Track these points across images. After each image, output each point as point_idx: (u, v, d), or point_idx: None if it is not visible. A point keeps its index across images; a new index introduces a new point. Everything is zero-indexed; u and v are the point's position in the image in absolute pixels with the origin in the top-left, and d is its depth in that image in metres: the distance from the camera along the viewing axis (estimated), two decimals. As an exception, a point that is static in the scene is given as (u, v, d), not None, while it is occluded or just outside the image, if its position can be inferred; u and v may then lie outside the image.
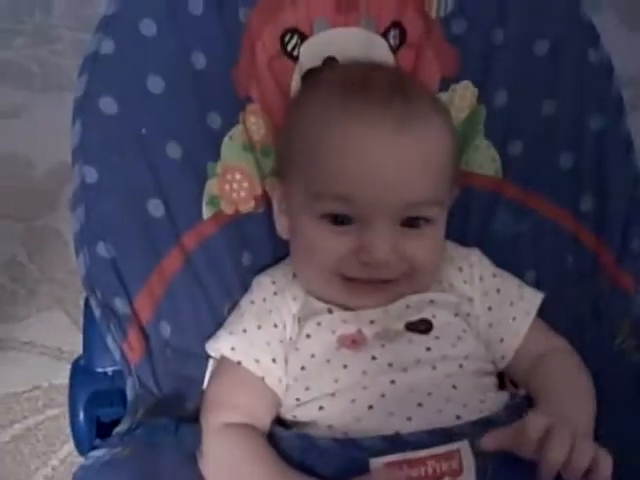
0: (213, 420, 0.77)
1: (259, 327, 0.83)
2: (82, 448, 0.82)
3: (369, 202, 0.77)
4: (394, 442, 0.72)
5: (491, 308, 0.87)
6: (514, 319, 0.86)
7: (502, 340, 0.86)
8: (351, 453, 0.72)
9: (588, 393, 0.80)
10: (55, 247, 1.51)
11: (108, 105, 0.83)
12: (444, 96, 0.94)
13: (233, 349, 0.82)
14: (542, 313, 0.88)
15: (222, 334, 0.84)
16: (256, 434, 0.77)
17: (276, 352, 0.82)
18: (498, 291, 0.88)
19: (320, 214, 0.80)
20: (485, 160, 0.94)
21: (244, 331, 0.83)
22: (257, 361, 0.80)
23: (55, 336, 1.35)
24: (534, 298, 0.88)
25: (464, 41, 0.93)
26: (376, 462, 0.71)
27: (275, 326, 0.83)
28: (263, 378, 0.80)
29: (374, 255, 0.78)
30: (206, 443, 0.76)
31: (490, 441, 0.68)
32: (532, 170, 0.93)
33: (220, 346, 0.83)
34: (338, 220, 0.79)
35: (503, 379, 0.88)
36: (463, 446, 0.71)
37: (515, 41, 0.92)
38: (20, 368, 1.32)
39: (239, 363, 0.80)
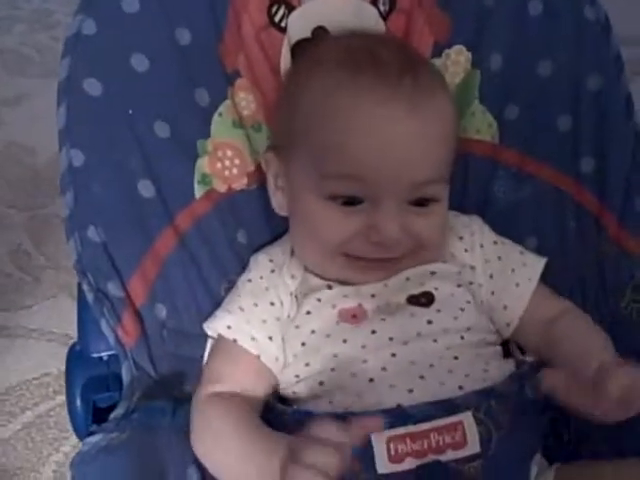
0: (204, 392, 0.76)
1: (255, 305, 0.81)
2: (81, 434, 0.82)
3: (379, 182, 0.75)
4: (396, 415, 0.71)
5: (492, 276, 0.85)
6: (517, 285, 0.85)
7: (505, 307, 0.84)
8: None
9: (608, 342, 0.78)
10: (60, 234, 1.45)
11: (93, 86, 0.82)
12: (437, 62, 0.91)
13: (229, 327, 0.80)
14: (545, 279, 0.86)
15: (219, 313, 0.83)
16: (243, 402, 0.75)
17: (272, 330, 0.80)
18: (499, 258, 0.86)
19: (328, 195, 0.78)
20: (482, 126, 0.92)
21: (241, 309, 0.82)
22: (253, 339, 0.79)
23: (62, 322, 1.34)
24: (536, 264, 0.86)
25: (456, 4, 0.90)
26: (378, 436, 0.69)
27: (272, 304, 0.82)
28: (259, 356, 0.79)
29: (384, 234, 0.76)
30: (194, 412, 0.75)
31: (549, 379, 0.68)
32: (530, 134, 0.91)
33: (217, 325, 0.82)
34: (347, 201, 0.77)
35: (509, 347, 0.86)
36: (466, 418, 0.70)
37: (508, 1, 0.90)
38: (29, 355, 1.32)
39: (235, 341, 0.79)
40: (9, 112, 1.78)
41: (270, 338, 0.80)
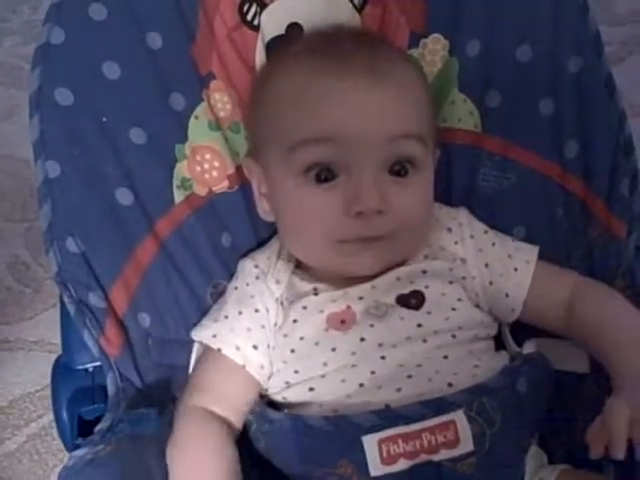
0: (188, 402, 0.76)
1: (240, 313, 0.81)
2: (69, 448, 0.81)
3: (350, 140, 0.75)
4: (386, 416, 0.70)
5: (488, 264, 0.83)
6: (516, 270, 0.83)
7: (507, 295, 0.83)
8: (343, 431, 0.70)
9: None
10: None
11: (64, 96, 0.81)
12: (415, 52, 0.90)
13: (214, 336, 0.80)
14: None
15: (205, 322, 0.83)
16: (223, 430, 0.75)
17: (257, 338, 0.80)
18: (493, 244, 0.84)
19: (302, 168, 0.76)
20: (463, 114, 0.90)
21: (225, 317, 0.81)
22: (238, 348, 0.79)
23: (62, 334, 1.35)
24: (531, 248, 0.85)
25: (431, -8, 0.89)
26: (370, 438, 0.69)
27: (256, 311, 0.81)
28: (244, 366, 0.78)
29: (364, 203, 0.75)
30: (176, 421, 0.74)
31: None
32: (512, 120, 0.89)
33: (203, 334, 0.81)
34: (322, 177, 0.76)
35: (502, 339, 0.85)
36: (458, 416, 0.69)
37: (483, -14, 0.88)
38: (30, 368, 1.33)
39: (220, 350, 0.79)
40: (3, 125, 1.78)
41: (255, 347, 0.79)
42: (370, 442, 0.69)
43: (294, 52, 0.82)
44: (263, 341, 0.80)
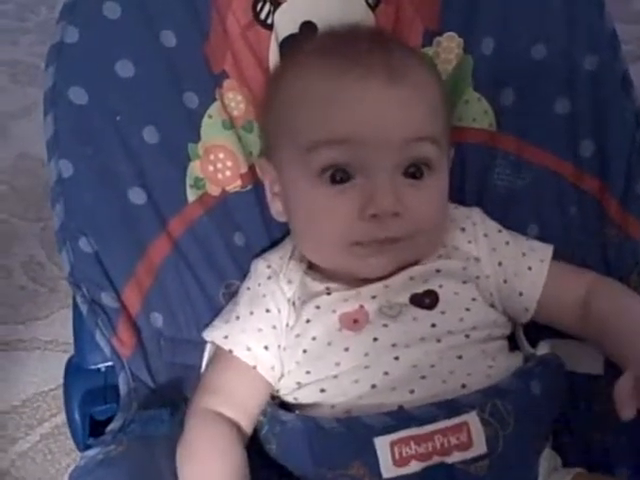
0: (199, 403, 0.76)
1: (251, 313, 0.80)
2: (81, 448, 0.81)
3: (366, 143, 0.74)
4: (399, 417, 0.69)
5: (502, 263, 0.82)
6: (530, 269, 0.82)
7: (521, 294, 0.82)
8: (355, 432, 0.69)
9: None
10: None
11: (78, 95, 0.81)
12: (429, 50, 0.90)
13: (226, 337, 0.79)
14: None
15: (217, 322, 0.83)
16: (232, 432, 0.74)
17: (269, 339, 0.79)
18: (507, 243, 0.84)
19: (317, 169, 0.76)
20: (477, 113, 0.90)
21: (237, 318, 0.81)
22: (249, 349, 0.78)
23: (77, 332, 1.35)
24: (546, 247, 0.84)
25: (445, -10, 0.88)
26: (382, 440, 0.68)
27: (268, 311, 0.80)
28: (255, 367, 0.78)
29: (380, 205, 0.74)
30: (186, 422, 0.74)
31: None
32: (527, 119, 0.88)
33: (214, 335, 0.81)
34: (337, 178, 0.76)
35: (515, 339, 0.84)
36: (471, 418, 0.69)
37: (498, -17, 0.87)
38: (45, 367, 1.32)
39: (231, 352, 0.78)
40: (19, 124, 1.78)
41: (266, 347, 0.79)
42: (382, 444, 0.68)
43: (308, 51, 0.82)
44: (274, 342, 0.79)
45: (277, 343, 0.79)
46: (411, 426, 0.68)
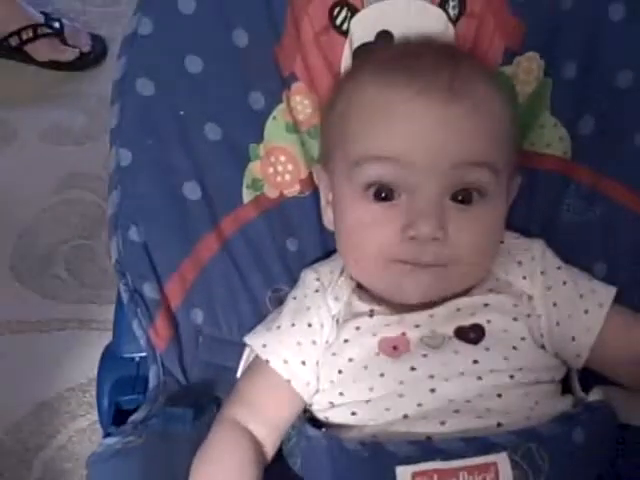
0: (229, 412, 0.75)
1: (293, 325, 0.78)
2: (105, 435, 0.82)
3: (414, 163, 0.71)
4: (425, 449, 0.66)
5: (556, 304, 0.77)
6: (586, 312, 0.77)
7: (574, 338, 0.76)
8: (378, 458, 0.67)
9: None
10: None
11: (145, 86, 0.82)
12: (508, 70, 0.85)
13: (264, 346, 0.78)
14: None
15: (259, 328, 0.81)
16: (251, 449, 0.73)
17: (307, 354, 0.77)
18: (565, 283, 0.78)
19: (363, 184, 0.74)
20: (552, 139, 0.85)
21: (278, 328, 0.79)
22: (285, 362, 0.76)
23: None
24: (608, 289, 0.78)
25: (529, 8, 0.83)
26: (403, 470, 0.65)
27: (309, 325, 0.78)
28: (289, 381, 0.76)
29: (420, 229, 0.71)
30: (213, 426, 0.73)
31: None
32: (605, 150, 0.83)
33: (254, 341, 0.79)
34: (382, 195, 0.74)
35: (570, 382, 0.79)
36: (501, 459, 0.65)
37: (586, 5, 0.82)
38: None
39: (267, 362, 0.77)
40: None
41: (303, 362, 0.77)
42: (403, 473, 0.65)
43: (374, 61, 0.79)
44: (312, 357, 0.77)
45: (316, 359, 0.77)
46: (436, 459, 0.65)
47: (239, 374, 0.81)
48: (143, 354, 0.80)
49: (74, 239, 1.56)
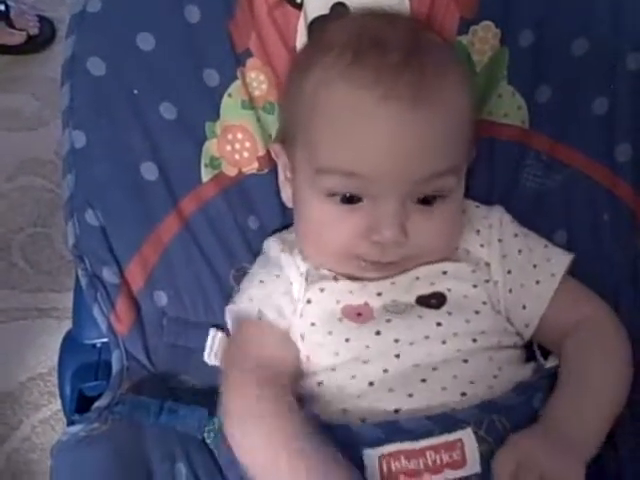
0: (234, 375, 0.72)
1: (277, 276, 0.78)
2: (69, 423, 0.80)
3: (377, 180, 0.71)
4: (390, 430, 0.66)
5: (511, 271, 0.78)
6: (537, 283, 0.77)
7: (524, 307, 0.77)
8: (344, 442, 0.66)
9: (614, 378, 0.71)
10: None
11: (96, 66, 0.80)
12: (464, 39, 0.85)
13: (251, 300, 0.77)
14: (573, 277, 0.78)
15: (239, 295, 0.79)
16: (284, 389, 0.70)
17: (289, 305, 0.77)
18: (520, 252, 0.79)
19: (326, 191, 0.73)
20: (510, 108, 0.85)
21: (261, 282, 0.78)
22: (279, 311, 0.76)
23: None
24: (562, 259, 0.78)
25: (483, -23, 0.83)
26: (371, 453, 0.65)
27: (282, 279, 0.78)
28: (284, 327, 0.76)
29: (383, 235, 0.72)
30: (228, 400, 0.70)
31: None
32: (562, 118, 0.83)
33: (238, 301, 0.78)
34: (346, 199, 0.73)
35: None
36: (466, 435, 0.65)
37: (540, -27, 0.82)
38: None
39: (260, 318, 0.75)
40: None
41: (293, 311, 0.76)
42: (371, 457, 0.65)
43: (337, 48, 0.74)
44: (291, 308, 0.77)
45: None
46: (403, 440, 0.65)
47: (206, 356, 0.80)
48: (105, 340, 0.79)
49: (30, 227, 1.54)
